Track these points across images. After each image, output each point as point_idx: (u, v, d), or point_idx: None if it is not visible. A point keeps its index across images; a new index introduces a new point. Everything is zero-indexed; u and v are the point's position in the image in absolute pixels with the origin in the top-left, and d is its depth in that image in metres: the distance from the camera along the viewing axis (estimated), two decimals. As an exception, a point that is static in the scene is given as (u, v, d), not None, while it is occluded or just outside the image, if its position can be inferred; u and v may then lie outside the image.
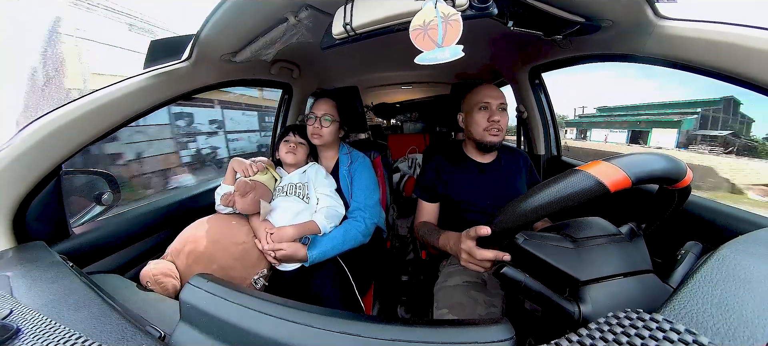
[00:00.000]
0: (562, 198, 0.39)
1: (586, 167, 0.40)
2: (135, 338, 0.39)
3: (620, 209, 0.62)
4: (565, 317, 0.42)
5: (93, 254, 0.81)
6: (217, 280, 0.48)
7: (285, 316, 0.40)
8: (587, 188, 0.38)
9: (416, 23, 0.57)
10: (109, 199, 0.89)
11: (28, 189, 0.68)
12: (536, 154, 1.48)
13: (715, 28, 0.59)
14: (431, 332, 0.36)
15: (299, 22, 0.75)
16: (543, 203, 0.40)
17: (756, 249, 0.37)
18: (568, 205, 0.39)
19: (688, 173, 0.42)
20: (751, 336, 0.26)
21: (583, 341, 0.28)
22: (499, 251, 0.50)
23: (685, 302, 0.30)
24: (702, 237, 0.52)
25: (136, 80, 0.78)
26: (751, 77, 0.57)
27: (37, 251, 0.63)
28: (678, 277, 0.43)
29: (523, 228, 0.43)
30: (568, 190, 0.39)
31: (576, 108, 8.96)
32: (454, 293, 0.78)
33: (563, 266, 0.44)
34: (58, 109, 0.69)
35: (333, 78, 1.75)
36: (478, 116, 0.92)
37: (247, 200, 0.87)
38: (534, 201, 0.40)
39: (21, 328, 0.38)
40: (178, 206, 1.08)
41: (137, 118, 0.83)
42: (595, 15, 0.72)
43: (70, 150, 0.72)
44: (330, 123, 1.03)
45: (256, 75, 1.23)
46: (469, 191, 0.96)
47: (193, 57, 0.83)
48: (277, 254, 0.85)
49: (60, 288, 0.49)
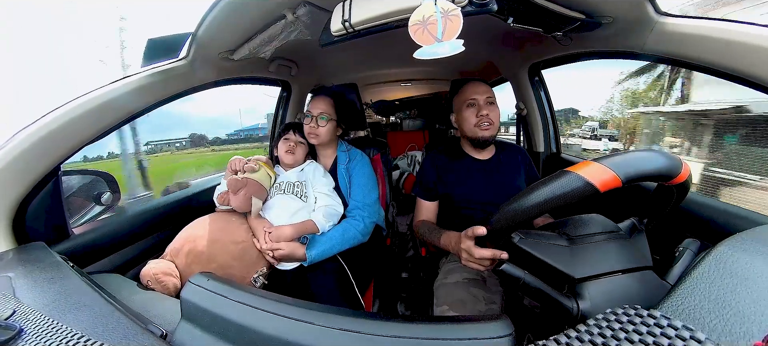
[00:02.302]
0: (553, 199, 0.40)
1: (575, 168, 0.41)
2: (137, 337, 0.40)
3: (622, 205, 0.62)
4: (564, 313, 0.42)
5: (93, 254, 0.81)
6: (217, 278, 0.49)
7: (285, 313, 0.40)
8: (577, 189, 0.39)
9: (415, 19, 0.56)
10: (109, 199, 0.89)
11: (28, 190, 0.68)
12: (536, 151, 1.48)
13: (716, 25, 0.59)
14: (431, 329, 0.36)
15: (297, 19, 0.74)
16: (534, 204, 0.41)
17: (753, 246, 0.37)
18: (559, 205, 0.40)
19: (684, 169, 0.42)
20: (747, 332, 0.26)
21: (582, 337, 0.29)
22: (497, 250, 0.51)
23: (683, 298, 0.31)
24: (700, 234, 0.53)
25: (133, 79, 0.77)
26: (752, 75, 0.57)
27: (37, 251, 0.63)
28: (676, 274, 0.43)
29: (517, 227, 0.44)
30: (558, 191, 0.40)
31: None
32: (454, 289, 0.78)
33: (558, 264, 0.44)
34: (55, 109, 0.68)
35: (332, 75, 1.75)
36: (467, 113, 0.94)
37: (239, 197, 0.86)
38: (526, 202, 0.42)
39: (24, 328, 0.38)
40: (177, 205, 1.08)
41: (135, 117, 0.83)
42: (596, 12, 0.72)
43: (68, 150, 0.71)
44: (326, 122, 1.02)
45: (254, 73, 1.22)
46: (468, 188, 0.96)
47: (191, 55, 0.82)
48: (276, 253, 0.85)
49: (61, 288, 0.49)
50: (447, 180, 0.98)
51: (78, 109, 0.70)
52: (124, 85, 0.76)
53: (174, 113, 12.72)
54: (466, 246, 0.57)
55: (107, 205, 0.90)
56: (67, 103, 0.69)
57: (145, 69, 0.79)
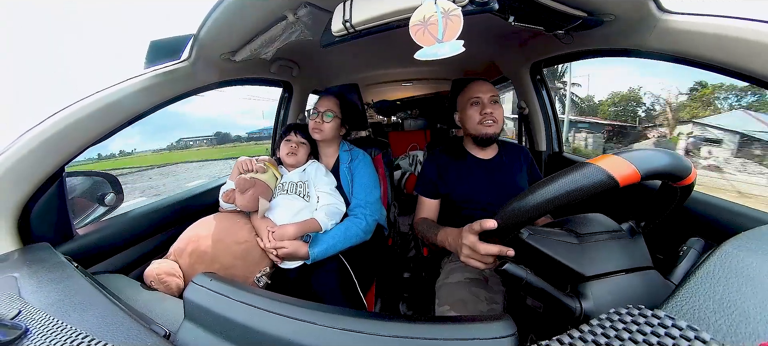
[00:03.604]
0: (572, 191, 0.38)
1: (596, 161, 0.39)
2: (140, 337, 0.40)
3: (621, 206, 0.61)
4: (567, 313, 0.42)
5: (97, 255, 0.82)
6: (220, 278, 0.49)
7: (288, 313, 0.40)
8: (598, 182, 0.37)
9: (416, 19, 0.56)
10: (112, 200, 0.90)
11: (33, 191, 0.69)
12: (537, 150, 1.47)
13: (720, 22, 0.58)
14: (433, 329, 0.36)
15: (298, 20, 0.75)
16: (552, 197, 0.39)
17: (758, 246, 0.37)
18: (576, 199, 0.38)
19: (692, 171, 0.41)
20: (752, 333, 0.26)
21: (585, 337, 0.28)
22: (503, 246, 0.49)
23: (687, 298, 0.30)
24: (704, 233, 0.52)
25: (136, 81, 0.78)
26: (756, 72, 0.56)
27: (42, 252, 0.64)
28: (680, 273, 0.42)
29: (529, 222, 0.42)
30: (577, 183, 0.38)
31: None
32: (456, 289, 0.78)
33: (568, 262, 0.43)
34: (60, 111, 0.69)
35: (333, 75, 1.75)
36: (471, 111, 0.94)
37: (246, 197, 0.87)
38: (542, 194, 0.39)
39: (29, 328, 0.39)
40: (180, 205, 1.09)
41: (138, 118, 0.84)
42: (597, 9, 0.71)
43: (72, 152, 0.72)
44: (331, 119, 1.03)
45: (255, 74, 1.22)
46: (470, 187, 0.96)
47: (193, 57, 0.83)
48: (279, 252, 0.85)
49: (66, 288, 0.49)
50: (448, 179, 0.98)
51: (82, 110, 0.70)
52: (127, 86, 0.76)
53: (203, 117, 18.18)
54: (469, 242, 0.54)
55: (111, 206, 0.90)
56: (70, 106, 0.70)
57: (148, 70, 0.79)
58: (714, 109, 8.53)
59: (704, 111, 7.88)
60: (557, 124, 1.47)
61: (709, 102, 8.12)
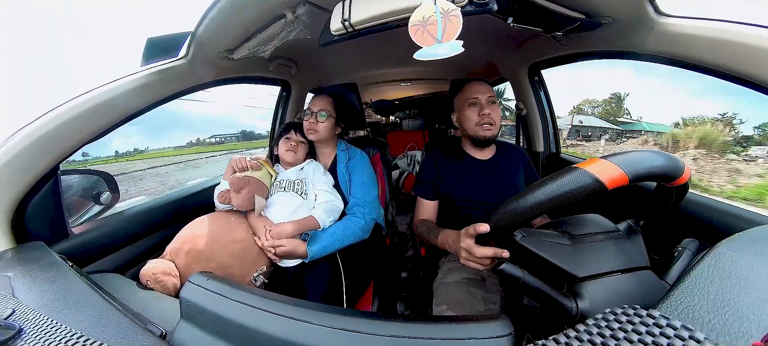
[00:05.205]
0: (560, 195, 0.39)
1: (584, 165, 0.40)
2: (136, 337, 0.40)
3: (618, 206, 0.62)
4: (563, 312, 0.42)
5: (92, 254, 0.81)
6: (217, 278, 0.49)
7: (284, 312, 0.40)
8: (585, 186, 0.38)
9: (415, 19, 0.56)
10: (108, 199, 0.89)
11: (27, 189, 0.68)
12: (535, 151, 1.48)
13: (717, 25, 0.59)
14: (430, 328, 0.36)
15: (297, 19, 0.74)
16: (541, 201, 0.40)
17: (752, 247, 0.37)
18: (565, 202, 0.39)
19: (686, 171, 0.42)
20: (746, 332, 0.26)
21: (581, 337, 0.29)
22: (498, 248, 0.50)
23: (682, 298, 0.31)
24: (699, 234, 0.53)
25: (133, 79, 0.77)
26: (752, 76, 0.56)
27: (36, 251, 0.63)
28: (675, 274, 0.43)
29: (521, 225, 0.43)
30: (565, 187, 0.39)
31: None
32: (454, 289, 0.78)
33: (561, 263, 0.44)
34: (55, 108, 0.68)
35: (331, 74, 1.74)
36: (469, 112, 0.94)
37: (242, 196, 0.87)
38: (532, 198, 0.40)
39: (23, 328, 0.38)
40: (176, 204, 1.08)
41: (134, 116, 0.83)
42: (595, 12, 0.72)
43: (67, 149, 0.71)
44: (325, 119, 1.03)
45: (253, 72, 1.22)
46: (468, 188, 0.96)
47: (190, 54, 0.82)
48: (277, 250, 0.85)
49: (61, 288, 0.49)
50: (447, 179, 0.98)
51: (77, 108, 0.69)
52: (123, 84, 0.76)
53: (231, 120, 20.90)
54: (466, 245, 0.55)
55: (106, 204, 0.89)
56: (66, 103, 0.69)
57: (145, 68, 0.78)
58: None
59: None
60: (555, 126, 1.47)
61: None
